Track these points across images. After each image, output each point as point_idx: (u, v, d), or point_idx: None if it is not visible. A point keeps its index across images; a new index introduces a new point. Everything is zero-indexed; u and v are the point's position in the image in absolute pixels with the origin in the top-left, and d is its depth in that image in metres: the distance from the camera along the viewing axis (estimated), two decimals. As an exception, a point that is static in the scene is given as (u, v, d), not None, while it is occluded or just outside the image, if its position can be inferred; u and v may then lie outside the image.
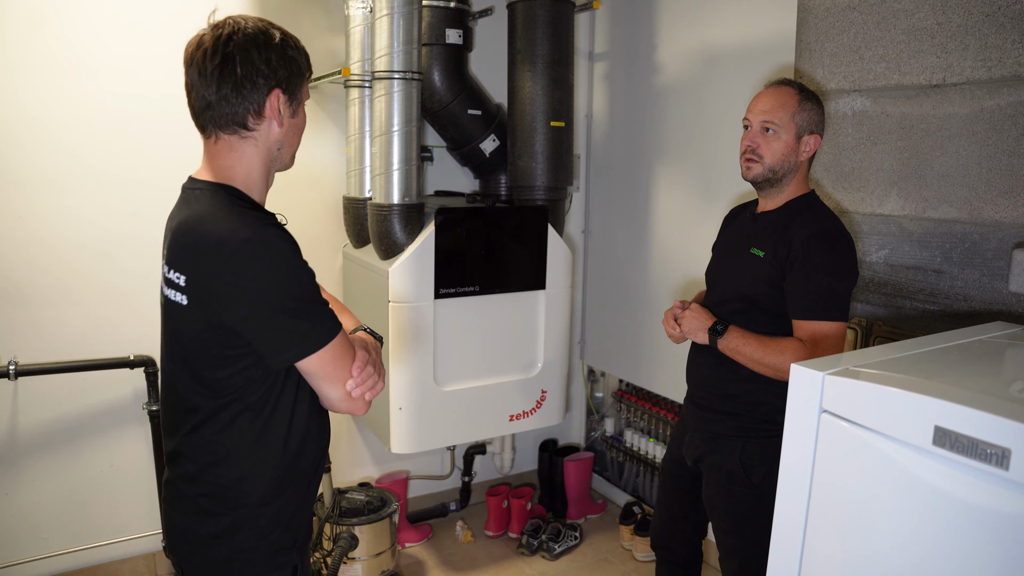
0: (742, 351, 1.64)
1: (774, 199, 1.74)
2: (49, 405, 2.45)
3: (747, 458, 1.72)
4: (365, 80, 2.49)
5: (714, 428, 1.79)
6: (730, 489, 1.75)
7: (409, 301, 2.33)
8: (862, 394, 1.02)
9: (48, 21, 2.29)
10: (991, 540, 0.87)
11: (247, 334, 1.13)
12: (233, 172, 1.21)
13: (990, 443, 0.85)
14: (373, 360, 1.24)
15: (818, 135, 1.69)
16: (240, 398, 1.18)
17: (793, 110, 1.67)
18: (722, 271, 1.84)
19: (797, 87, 1.69)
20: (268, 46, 1.17)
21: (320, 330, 1.16)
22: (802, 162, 1.70)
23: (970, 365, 1.19)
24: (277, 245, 1.12)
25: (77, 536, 2.55)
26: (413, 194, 2.32)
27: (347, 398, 1.21)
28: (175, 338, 1.22)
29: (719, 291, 1.83)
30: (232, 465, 1.21)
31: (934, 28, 1.83)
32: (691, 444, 1.86)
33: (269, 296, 1.11)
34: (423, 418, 2.42)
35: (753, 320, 1.70)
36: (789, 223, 1.67)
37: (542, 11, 2.51)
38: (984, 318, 1.74)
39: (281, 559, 1.26)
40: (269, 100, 1.18)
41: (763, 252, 1.69)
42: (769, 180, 1.70)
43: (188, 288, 1.15)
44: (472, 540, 2.99)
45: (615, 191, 3.08)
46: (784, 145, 1.67)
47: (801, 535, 1.12)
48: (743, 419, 1.74)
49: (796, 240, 1.62)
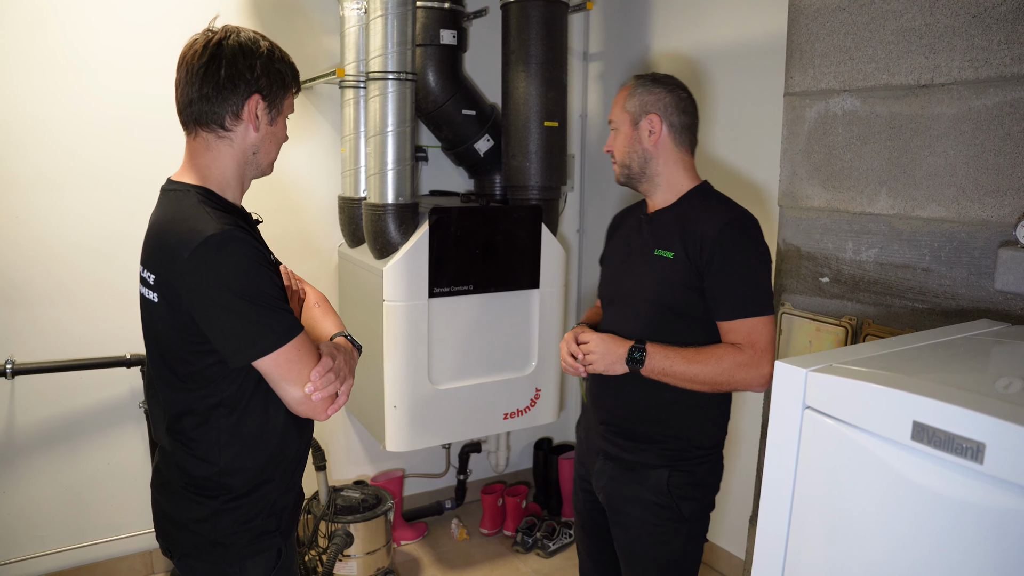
0: (670, 372, 1.49)
1: (660, 195, 1.64)
2: (46, 404, 2.46)
3: (676, 487, 1.55)
4: (360, 81, 2.51)
5: (634, 458, 1.61)
6: (655, 527, 1.58)
7: (403, 300, 2.35)
8: (844, 390, 1.04)
9: (47, 20, 2.31)
10: (968, 534, 0.89)
11: (206, 332, 1.17)
12: (209, 172, 1.26)
13: (965, 437, 0.87)
14: (338, 367, 1.25)
15: (656, 114, 1.58)
16: (214, 392, 1.22)
17: (623, 101, 1.62)
18: (624, 282, 1.69)
19: (635, 79, 1.63)
20: (254, 54, 1.22)
21: (276, 332, 1.18)
22: (655, 148, 1.60)
23: (953, 362, 1.21)
24: (233, 247, 1.15)
25: (74, 534, 2.56)
26: (407, 194, 2.34)
27: (305, 401, 1.21)
28: (151, 334, 1.27)
29: (624, 305, 1.67)
30: (211, 459, 1.25)
31: (922, 29, 1.84)
32: (603, 475, 1.66)
33: (223, 297, 1.14)
34: (418, 416, 2.44)
35: (670, 329, 1.56)
36: (692, 217, 1.57)
37: (536, 12, 2.52)
38: (972, 316, 1.76)
39: (265, 543, 1.30)
40: (248, 104, 1.23)
41: (671, 252, 1.57)
42: (631, 176, 1.64)
43: (157, 286, 1.20)
44: (467, 538, 3.01)
45: (610, 191, 3.10)
46: (624, 137, 1.62)
47: (785, 532, 1.14)
48: (669, 446, 1.58)
49: (707, 235, 1.51)
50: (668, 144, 1.61)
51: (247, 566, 1.28)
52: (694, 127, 1.65)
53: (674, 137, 1.61)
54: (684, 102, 1.62)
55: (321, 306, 1.49)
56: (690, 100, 1.64)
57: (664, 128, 1.60)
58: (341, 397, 1.26)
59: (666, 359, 1.50)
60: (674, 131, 1.61)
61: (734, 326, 1.50)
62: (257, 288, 1.16)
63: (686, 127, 1.63)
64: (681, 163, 1.63)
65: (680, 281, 1.54)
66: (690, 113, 1.63)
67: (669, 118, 1.60)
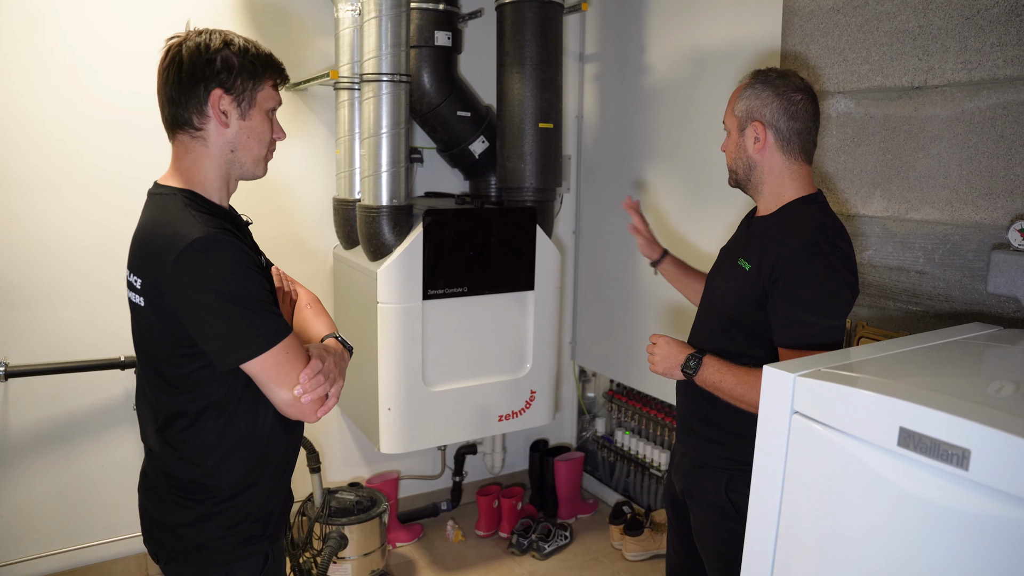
0: (720, 387, 1.49)
1: (763, 203, 1.58)
2: (41, 406, 2.46)
3: (734, 492, 1.57)
4: (354, 82, 2.50)
5: (700, 456, 1.65)
6: (719, 524, 1.60)
7: (398, 302, 2.34)
8: (831, 395, 1.04)
9: (45, 20, 2.31)
10: (954, 540, 0.89)
11: (194, 336, 1.17)
12: (191, 174, 1.26)
13: (951, 444, 0.87)
14: (327, 369, 1.25)
15: (760, 122, 1.49)
16: (203, 395, 1.22)
17: (734, 103, 1.54)
18: (713, 281, 1.71)
19: (750, 76, 1.54)
20: (212, 50, 1.22)
21: (264, 335, 1.17)
22: (761, 156, 1.52)
23: (943, 366, 1.21)
24: (219, 250, 1.15)
25: (69, 536, 2.56)
26: (401, 196, 2.34)
27: (294, 403, 1.21)
28: (140, 338, 1.28)
29: (706, 303, 1.70)
30: (199, 462, 1.25)
31: (916, 31, 1.84)
32: (679, 469, 1.73)
33: (210, 300, 1.14)
34: (412, 418, 2.44)
35: (732, 340, 1.56)
36: (778, 232, 1.50)
37: (530, 13, 2.52)
38: (965, 318, 1.75)
39: (251, 548, 1.30)
40: (211, 99, 1.22)
41: (749, 264, 1.52)
42: (739, 182, 1.59)
43: (143, 290, 1.20)
44: (463, 540, 3.00)
45: (606, 192, 3.10)
46: (732, 143, 1.56)
47: (774, 537, 1.14)
48: (728, 448, 1.59)
49: (782, 254, 1.44)
50: (774, 152, 1.51)
51: (233, 570, 1.28)
52: (807, 132, 1.51)
53: (781, 145, 1.50)
54: (795, 106, 1.49)
55: (313, 307, 1.48)
56: (805, 103, 1.50)
57: (770, 136, 1.50)
58: (331, 399, 1.26)
59: (718, 373, 1.49)
60: (781, 138, 1.50)
61: (787, 354, 1.42)
62: (244, 291, 1.16)
63: (796, 133, 1.50)
64: (788, 172, 1.52)
65: (750, 295, 1.49)
66: (802, 118, 1.50)
67: (776, 124, 1.49)
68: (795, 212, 1.51)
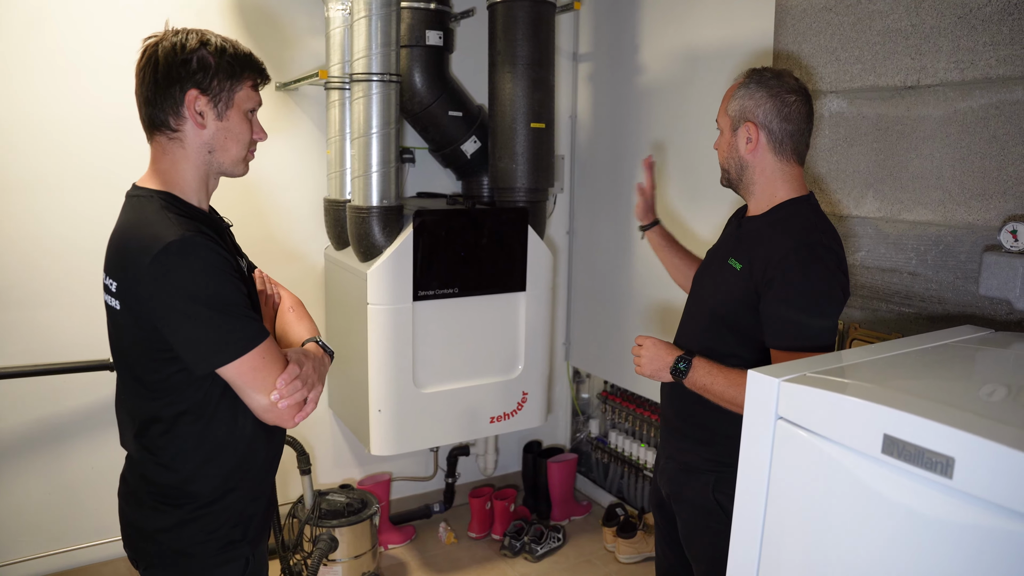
0: (710, 389, 1.47)
1: (754, 203, 1.56)
2: (29, 408, 2.44)
3: (721, 494, 1.55)
4: (345, 82, 2.49)
5: (686, 458, 1.63)
6: (707, 527, 1.59)
7: (387, 303, 2.33)
8: (816, 401, 1.02)
9: (45, 21, 2.29)
10: (938, 549, 0.87)
11: (170, 340, 1.15)
12: (169, 176, 1.24)
13: (935, 452, 0.85)
14: (305, 374, 1.23)
15: (753, 123, 1.48)
16: (180, 399, 1.21)
17: (728, 102, 1.52)
18: (701, 280, 1.69)
19: (747, 74, 1.52)
20: (188, 50, 1.20)
21: (241, 339, 1.16)
22: (752, 157, 1.51)
23: (932, 371, 1.19)
24: (195, 253, 1.13)
25: (58, 539, 2.54)
26: (392, 196, 2.32)
27: (271, 408, 1.20)
28: (116, 342, 1.26)
29: (693, 305, 1.68)
30: (177, 467, 1.24)
31: (908, 30, 1.82)
32: (664, 473, 1.71)
33: (185, 304, 1.12)
34: (402, 420, 2.42)
35: (721, 339, 1.54)
36: (769, 233, 1.49)
37: (522, 12, 2.50)
38: (958, 320, 1.73)
39: (231, 553, 1.28)
40: (187, 100, 1.20)
41: (740, 264, 1.50)
42: (730, 181, 1.58)
43: (119, 294, 1.19)
44: (455, 542, 2.99)
45: (600, 192, 3.08)
46: (725, 142, 1.55)
47: (758, 543, 1.12)
48: (715, 449, 1.57)
49: (773, 255, 1.43)
50: (766, 153, 1.50)
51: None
52: (800, 134, 1.50)
53: (774, 146, 1.49)
54: (789, 108, 1.47)
55: (296, 310, 1.47)
56: (799, 104, 1.48)
57: (762, 137, 1.49)
58: (309, 404, 1.24)
59: (708, 375, 1.47)
60: (774, 140, 1.49)
61: (779, 356, 1.41)
62: (220, 295, 1.14)
63: (789, 135, 1.49)
64: (780, 173, 1.51)
65: (740, 296, 1.48)
66: (795, 120, 1.48)
67: (769, 125, 1.48)
68: (787, 213, 1.50)
